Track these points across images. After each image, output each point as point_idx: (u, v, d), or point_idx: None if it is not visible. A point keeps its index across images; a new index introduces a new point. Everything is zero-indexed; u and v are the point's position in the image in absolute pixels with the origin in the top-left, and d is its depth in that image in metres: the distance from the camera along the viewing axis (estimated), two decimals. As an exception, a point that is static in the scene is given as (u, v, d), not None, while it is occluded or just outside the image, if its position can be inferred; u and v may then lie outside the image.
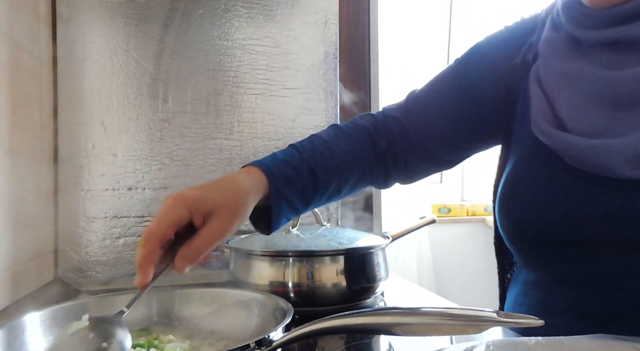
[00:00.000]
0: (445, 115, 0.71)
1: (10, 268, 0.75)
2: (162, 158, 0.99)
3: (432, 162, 0.74)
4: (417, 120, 0.72)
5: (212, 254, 1.01)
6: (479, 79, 0.69)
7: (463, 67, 0.72)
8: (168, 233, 0.51)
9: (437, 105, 0.72)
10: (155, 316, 0.62)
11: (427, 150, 0.72)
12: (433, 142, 0.72)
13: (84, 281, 0.95)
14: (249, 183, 0.58)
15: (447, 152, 0.73)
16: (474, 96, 0.69)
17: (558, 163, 0.57)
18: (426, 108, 0.72)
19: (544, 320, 0.57)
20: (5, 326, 0.50)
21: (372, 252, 0.80)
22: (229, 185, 0.56)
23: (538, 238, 0.59)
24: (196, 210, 0.52)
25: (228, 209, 0.54)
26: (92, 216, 0.96)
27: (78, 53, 0.96)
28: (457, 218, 2.69)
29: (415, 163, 0.74)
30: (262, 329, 0.57)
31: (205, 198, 0.53)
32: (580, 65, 0.57)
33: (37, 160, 0.88)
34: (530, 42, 0.66)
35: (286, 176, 0.62)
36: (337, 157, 0.67)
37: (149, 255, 0.51)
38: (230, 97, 1.03)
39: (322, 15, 1.08)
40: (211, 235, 0.53)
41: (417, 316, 0.46)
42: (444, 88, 0.72)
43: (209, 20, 1.02)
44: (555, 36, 0.61)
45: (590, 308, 0.56)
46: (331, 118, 1.08)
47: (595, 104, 0.55)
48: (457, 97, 0.70)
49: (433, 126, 0.71)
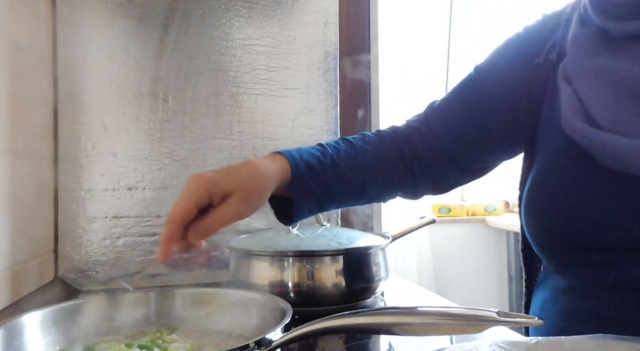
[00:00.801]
0: (465, 123, 0.70)
1: (10, 268, 0.75)
2: (162, 158, 0.99)
3: (457, 171, 0.73)
4: (436, 129, 0.71)
5: (212, 254, 1.01)
6: (498, 84, 0.68)
7: (482, 74, 0.70)
8: (190, 214, 0.55)
9: (456, 113, 0.71)
10: (154, 316, 0.62)
11: (450, 158, 0.71)
12: (455, 150, 0.71)
13: (84, 281, 0.95)
14: (268, 168, 0.60)
15: (471, 159, 0.72)
16: (493, 102, 0.68)
17: (589, 163, 0.54)
18: (445, 117, 0.71)
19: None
20: (4, 326, 0.50)
21: (372, 252, 0.80)
22: (248, 169, 0.59)
23: (569, 242, 0.57)
24: (215, 192, 0.55)
25: (244, 192, 0.57)
26: (92, 216, 0.96)
27: (78, 53, 0.96)
28: (457, 218, 2.70)
29: (440, 172, 0.72)
30: (261, 329, 0.56)
31: (224, 181, 0.56)
32: (611, 60, 0.55)
33: (37, 160, 0.88)
34: (553, 41, 0.64)
35: (309, 165, 0.63)
36: (362, 157, 0.68)
37: (171, 235, 0.54)
38: (230, 97, 1.03)
39: (322, 15, 1.08)
40: (225, 214, 0.56)
41: (417, 316, 0.45)
42: (462, 96, 0.71)
43: (209, 20, 1.02)
44: (584, 32, 0.59)
45: (623, 315, 0.54)
46: (331, 118, 1.08)
47: (629, 101, 0.53)
48: (475, 105, 0.69)
49: (453, 135, 0.70)
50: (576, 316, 0.58)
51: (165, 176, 0.99)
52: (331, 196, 0.66)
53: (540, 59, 0.64)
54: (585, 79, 0.57)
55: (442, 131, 0.71)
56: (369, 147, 0.69)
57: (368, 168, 0.68)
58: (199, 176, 0.56)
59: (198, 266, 1.00)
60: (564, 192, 0.57)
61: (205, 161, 1.01)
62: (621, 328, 0.52)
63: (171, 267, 0.99)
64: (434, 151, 0.71)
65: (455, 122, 0.70)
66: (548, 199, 0.59)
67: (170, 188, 0.99)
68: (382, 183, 0.70)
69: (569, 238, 0.56)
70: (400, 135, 0.72)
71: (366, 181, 0.68)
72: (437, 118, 0.72)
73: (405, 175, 0.71)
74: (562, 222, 0.57)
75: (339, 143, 0.68)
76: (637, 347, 0.41)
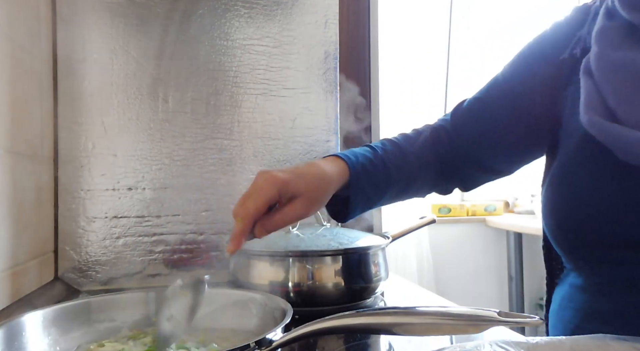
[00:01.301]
0: (488, 125, 0.70)
1: (10, 268, 0.75)
2: (162, 158, 0.99)
3: (481, 171, 0.74)
4: (461, 130, 0.73)
5: (212, 254, 1.01)
6: (522, 83, 0.68)
7: (507, 74, 0.70)
8: (261, 211, 0.57)
9: (480, 115, 0.71)
10: (154, 316, 0.62)
11: (474, 159, 0.72)
12: (479, 151, 0.72)
13: (84, 281, 0.95)
14: (333, 172, 0.63)
15: (495, 160, 0.73)
16: (517, 102, 0.68)
17: (607, 158, 0.53)
18: (469, 119, 0.72)
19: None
20: (4, 326, 0.50)
21: (372, 252, 0.80)
22: (316, 173, 0.62)
23: (585, 239, 0.56)
24: (284, 192, 0.58)
25: (311, 195, 0.60)
26: (92, 216, 0.96)
27: (78, 53, 0.96)
28: (457, 218, 2.69)
29: (466, 171, 0.74)
30: (261, 329, 0.56)
31: (294, 183, 0.59)
32: (635, 53, 0.54)
33: (37, 160, 0.88)
34: (579, 36, 0.63)
35: (365, 168, 0.66)
36: (406, 157, 0.71)
37: (244, 229, 0.57)
38: (230, 97, 1.03)
39: (322, 15, 1.08)
40: (291, 214, 0.59)
41: (417, 316, 0.45)
42: (486, 97, 0.72)
43: (209, 20, 1.02)
44: (610, 25, 0.58)
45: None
46: (331, 118, 1.08)
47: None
48: (499, 106, 0.69)
49: (477, 136, 0.71)
50: (592, 314, 0.57)
51: (165, 176, 0.99)
52: (380, 194, 0.69)
53: (565, 55, 0.64)
54: (608, 73, 0.56)
55: (466, 133, 0.72)
56: (411, 147, 0.72)
57: (411, 168, 0.71)
58: (271, 175, 0.58)
59: (198, 266, 1.00)
60: (581, 186, 0.57)
61: (205, 161, 1.01)
62: (638, 327, 0.52)
63: (171, 267, 0.99)
64: (459, 151, 0.72)
65: (479, 123, 0.71)
66: (565, 194, 0.58)
67: (170, 188, 0.99)
68: (422, 181, 0.73)
69: (585, 233, 0.56)
70: (434, 135, 0.74)
71: (409, 179, 0.71)
72: (462, 120, 0.73)
73: (441, 173, 0.74)
74: (578, 217, 0.56)
75: (385, 145, 0.72)
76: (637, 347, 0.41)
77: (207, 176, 1.01)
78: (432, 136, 0.74)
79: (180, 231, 1.00)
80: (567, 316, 0.60)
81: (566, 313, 0.61)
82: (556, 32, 0.67)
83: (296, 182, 0.59)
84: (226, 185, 1.02)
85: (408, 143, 0.72)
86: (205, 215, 1.01)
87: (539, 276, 2.66)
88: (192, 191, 1.00)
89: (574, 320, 0.59)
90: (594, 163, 0.56)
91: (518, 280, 2.59)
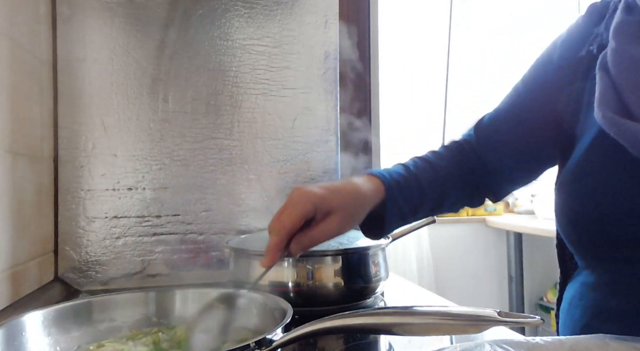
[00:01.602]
0: (510, 134, 0.70)
1: (10, 268, 0.75)
2: (162, 158, 0.99)
3: (507, 181, 0.74)
4: (485, 142, 0.73)
5: (212, 254, 1.01)
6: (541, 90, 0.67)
7: (526, 82, 0.70)
8: (297, 225, 0.57)
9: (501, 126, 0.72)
10: (154, 316, 0.62)
11: (498, 169, 0.72)
12: (507, 159, 0.72)
13: (84, 281, 0.95)
14: (367, 188, 0.64)
15: (516, 168, 0.73)
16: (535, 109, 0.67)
17: (621, 155, 0.52)
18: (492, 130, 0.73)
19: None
20: (4, 326, 0.50)
21: (372, 252, 0.80)
22: (352, 190, 0.62)
23: (597, 237, 0.56)
24: (320, 208, 0.58)
25: (347, 211, 0.60)
26: (92, 216, 0.96)
27: (78, 53, 0.96)
28: (457, 218, 2.69)
29: (495, 181, 0.74)
30: (261, 329, 0.56)
31: (330, 199, 0.59)
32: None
33: (37, 160, 0.88)
34: (596, 33, 0.62)
35: (399, 184, 0.67)
36: (438, 173, 0.71)
37: (279, 243, 0.57)
38: (230, 97, 1.03)
39: (322, 15, 1.08)
40: (327, 230, 0.59)
41: (417, 316, 0.45)
42: (507, 107, 0.72)
43: (209, 20, 1.02)
44: (629, 19, 0.57)
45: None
46: (331, 118, 1.08)
47: None
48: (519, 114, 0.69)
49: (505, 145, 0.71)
50: (603, 313, 0.57)
51: (165, 176, 0.99)
52: (415, 209, 0.69)
53: (583, 52, 0.63)
54: (625, 68, 0.55)
55: (492, 144, 0.72)
56: (441, 162, 0.72)
57: (443, 182, 0.71)
58: (306, 191, 0.58)
59: (198, 266, 1.00)
60: (592, 184, 0.56)
61: (205, 161, 1.01)
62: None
63: (171, 267, 0.99)
64: (486, 163, 0.72)
65: (504, 134, 0.71)
66: (578, 191, 0.58)
67: (170, 188, 0.99)
68: (456, 195, 0.73)
69: (598, 232, 0.55)
70: (460, 149, 0.75)
71: (443, 194, 0.71)
72: (487, 132, 0.74)
73: (471, 186, 0.74)
74: (591, 215, 0.56)
75: (416, 162, 0.72)
76: (637, 347, 0.41)
77: (207, 176, 1.01)
78: (459, 151, 0.74)
79: (180, 231, 1.00)
80: (577, 315, 0.60)
81: (576, 311, 0.60)
82: (572, 34, 0.66)
83: (331, 197, 0.59)
84: (226, 185, 1.02)
85: (438, 159, 0.73)
86: (205, 215, 1.01)
87: (539, 276, 2.67)
88: (192, 191, 1.00)
89: (584, 318, 0.59)
90: (608, 160, 0.56)
91: (518, 280, 2.59)
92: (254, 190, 1.03)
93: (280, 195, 1.04)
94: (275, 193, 1.04)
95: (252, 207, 1.03)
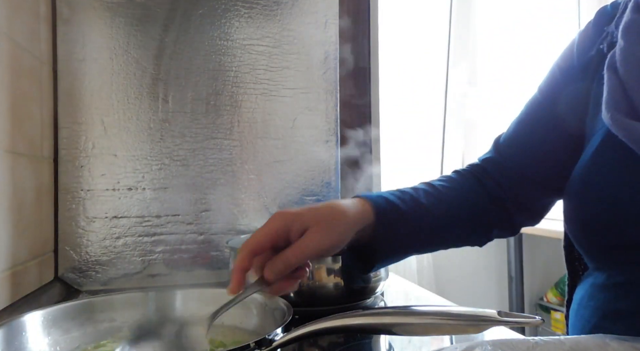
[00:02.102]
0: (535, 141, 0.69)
1: (10, 268, 0.75)
2: (162, 158, 0.99)
3: (542, 190, 0.70)
4: (510, 153, 0.71)
5: (212, 254, 1.01)
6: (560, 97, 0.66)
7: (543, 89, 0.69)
8: (261, 243, 0.54)
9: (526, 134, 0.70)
10: (154, 316, 0.62)
11: (531, 180, 0.69)
12: (533, 170, 0.69)
13: (84, 281, 0.95)
14: (350, 206, 0.59)
15: (550, 176, 0.69)
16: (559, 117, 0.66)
17: (630, 157, 0.52)
18: (516, 141, 0.71)
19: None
20: (4, 326, 0.50)
21: (372, 252, 0.80)
22: (330, 206, 0.58)
23: (607, 239, 0.55)
24: (292, 224, 0.55)
25: (324, 226, 0.55)
26: (92, 216, 0.96)
27: (78, 53, 0.96)
28: (457, 218, 2.69)
29: (528, 196, 0.70)
30: (261, 329, 0.57)
31: (304, 214, 0.56)
32: None
33: (37, 160, 0.88)
34: (607, 32, 0.61)
35: (393, 205, 0.62)
36: (443, 193, 0.66)
37: (240, 264, 0.54)
38: (230, 97, 1.03)
39: (322, 15, 1.08)
40: (303, 247, 0.54)
41: (417, 316, 0.45)
42: (528, 116, 0.70)
43: (209, 20, 1.02)
44: (637, 18, 0.56)
45: None
46: (331, 118, 1.08)
47: None
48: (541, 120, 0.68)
49: (527, 155, 0.69)
50: (612, 314, 0.56)
51: (165, 176, 0.99)
52: (417, 236, 0.64)
53: (593, 51, 0.62)
54: (633, 67, 0.54)
55: (516, 154, 0.70)
56: (448, 183, 0.68)
57: (452, 203, 0.67)
58: (282, 211, 0.56)
59: (198, 266, 1.00)
60: (601, 186, 0.55)
61: (205, 161, 1.01)
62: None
63: (171, 267, 0.99)
64: (514, 177, 0.70)
65: (527, 141, 0.69)
66: (586, 192, 0.57)
67: (170, 188, 0.99)
68: (471, 220, 0.68)
69: (605, 232, 0.55)
70: (477, 169, 0.72)
71: (452, 217, 0.67)
72: (509, 146, 0.71)
73: (498, 209, 0.70)
74: (598, 216, 0.55)
75: (415, 186, 0.68)
76: (637, 347, 0.41)
77: (207, 176, 1.01)
78: (476, 170, 0.72)
79: (180, 231, 1.00)
80: (586, 315, 0.59)
81: (586, 311, 0.60)
82: (583, 37, 0.66)
83: (306, 213, 0.56)
84: (226, 185, 1.02)
85: (444, 181, 0.69)
86: (205, 215, 1.01)
87: (539, 277, 2.67)
88: (192, 191, 1.00)
89: (593, 318, 0.58)
90: (616, 163, 0.55)
91: (518, 280, 2.59)
92: (254, 190, 1.03)
93: (280, 195, 1.04)
94: (275, 193, 1.04)
95: (252, 207, 1.03)
